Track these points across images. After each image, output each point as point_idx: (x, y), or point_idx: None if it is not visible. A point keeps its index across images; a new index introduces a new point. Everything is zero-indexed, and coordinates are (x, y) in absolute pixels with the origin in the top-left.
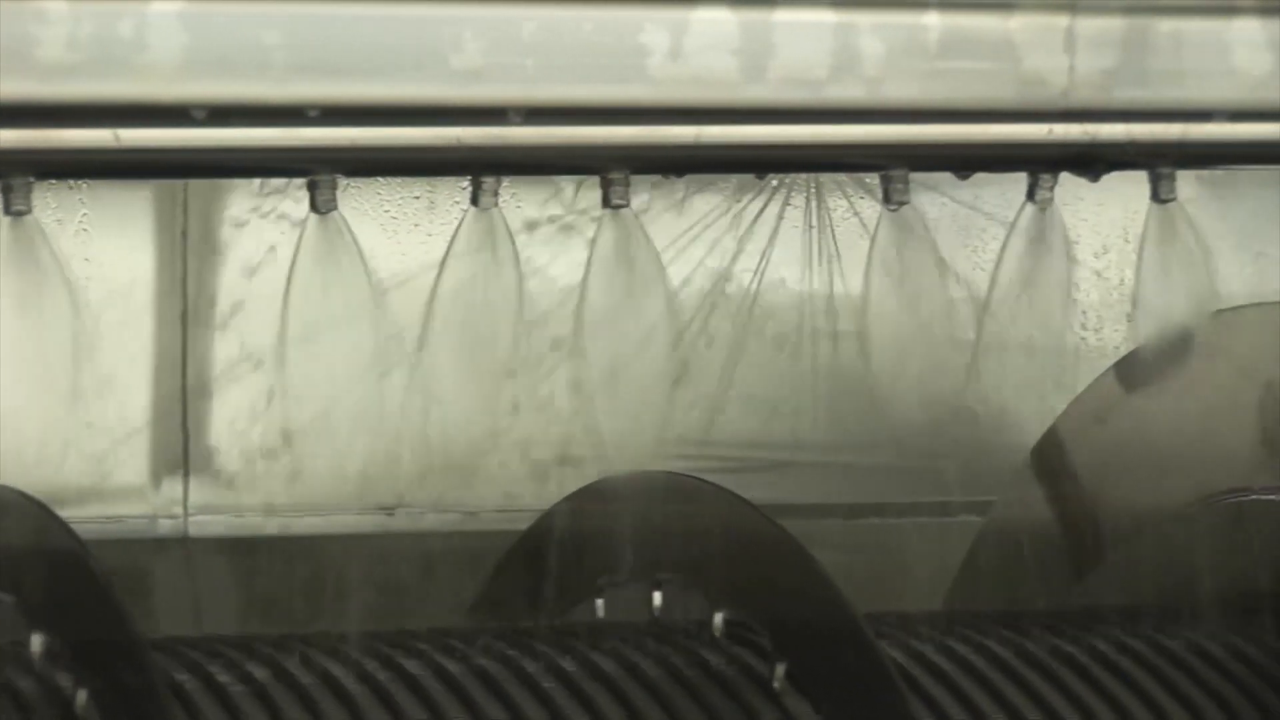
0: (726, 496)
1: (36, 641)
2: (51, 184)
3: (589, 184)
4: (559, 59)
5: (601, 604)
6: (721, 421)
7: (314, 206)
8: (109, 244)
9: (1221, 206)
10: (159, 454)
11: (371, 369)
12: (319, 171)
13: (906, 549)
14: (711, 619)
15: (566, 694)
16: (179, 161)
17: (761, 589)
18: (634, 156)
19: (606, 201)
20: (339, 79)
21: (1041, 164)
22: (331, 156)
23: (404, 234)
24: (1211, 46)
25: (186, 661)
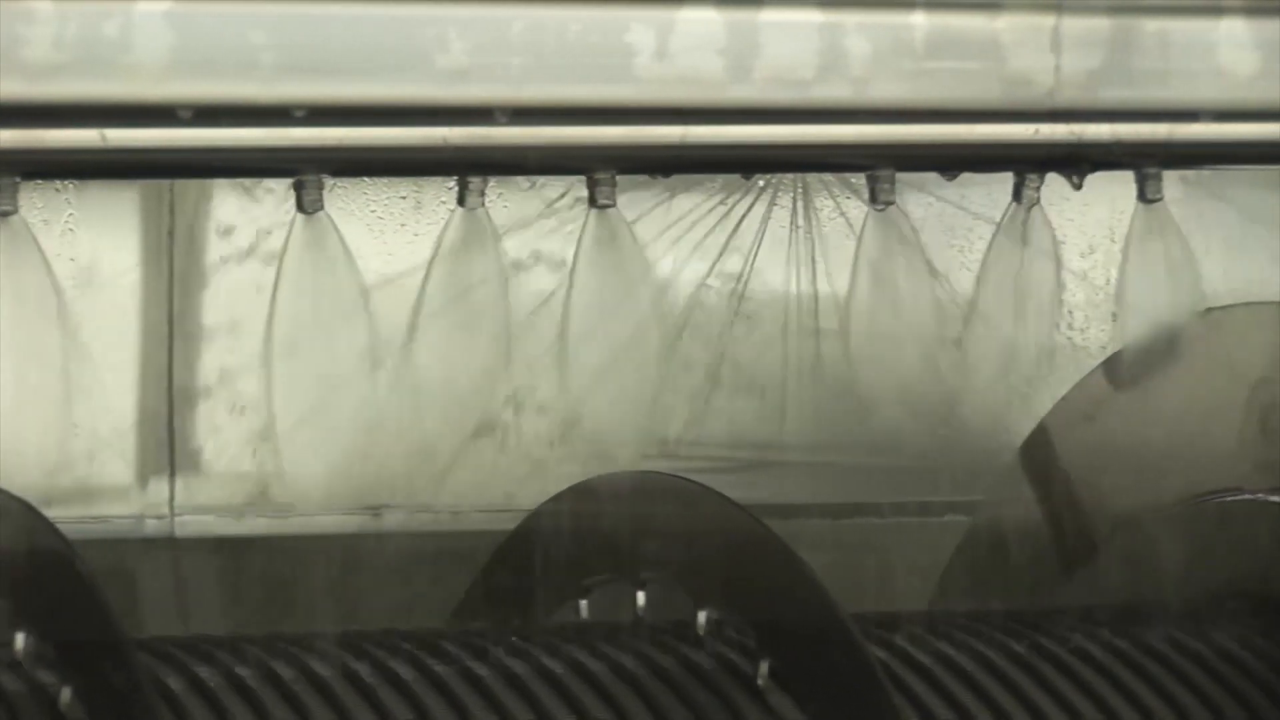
0: (712, 496)
1: (21, 641)
2: (37, 184)
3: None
4: (545, 59)
5: (587, 604)
6: (709, 420)
7: (301, 206)
8: (95, 243)
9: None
10: (144, 454)
11: (359, 369)
12: (305, 171)
13: (892, 548)
14: (695, 618)
15: (552, 693)
16: (165, 161)
17: (747, 588)
18: (620, 156)
19: (593, 201)
20: (325, 79)
21: (1027, 164)
22: (318, 156)
23: (390, 234)
24: (1197, 46)
25: (173, 661)
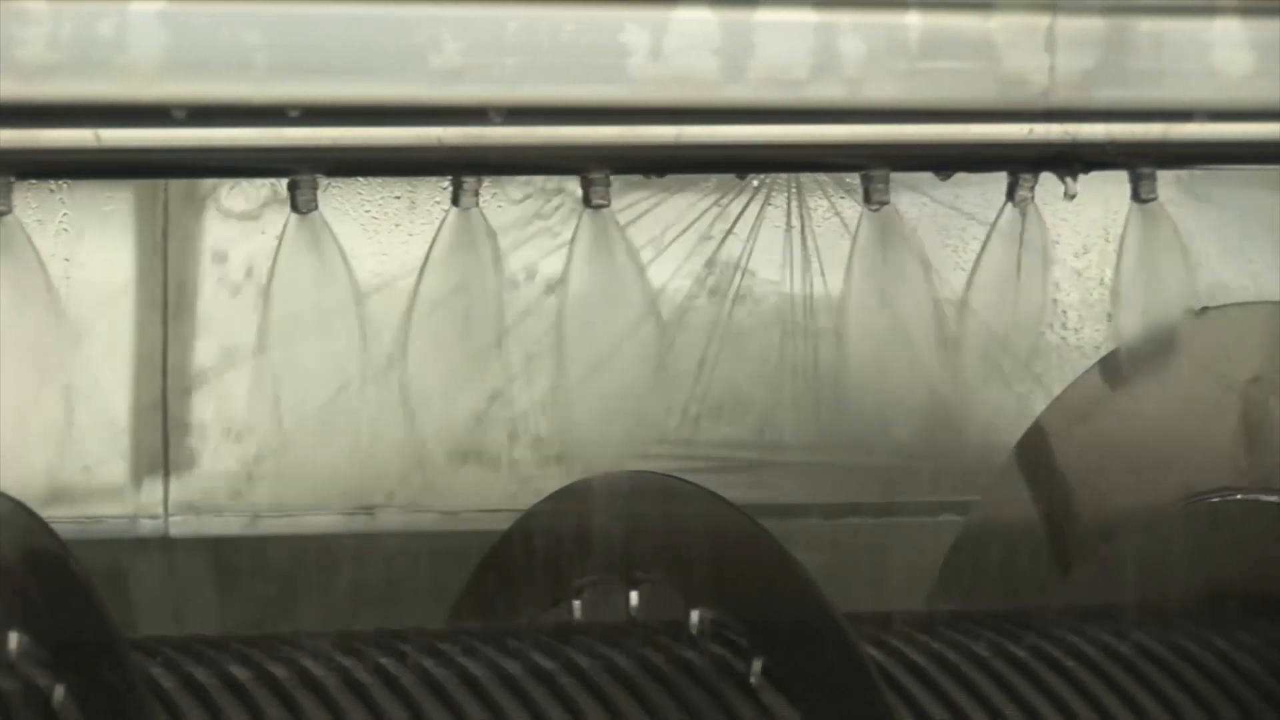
0: (706, 496)
1: (14, 640)
2: (31, 184)
3: None
4: (540, 59)
5: (581, 604)
6: (701, 421)
7: (295, 206)
8: (90, 243)
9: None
10: (139, 454)
11: (353, 368)
12: (300, 171)
13: (886, 548)
14: (688, 617)
15: (546, 692)
16: (159, 161)
17: (741, 588)
18: (615, 156)
19: (587, 201)
20: (319, 79)
21: (1022, 164)
22: (312, 156)
23: (385, 234)
24: (1192, 46)
25: (167, 661)
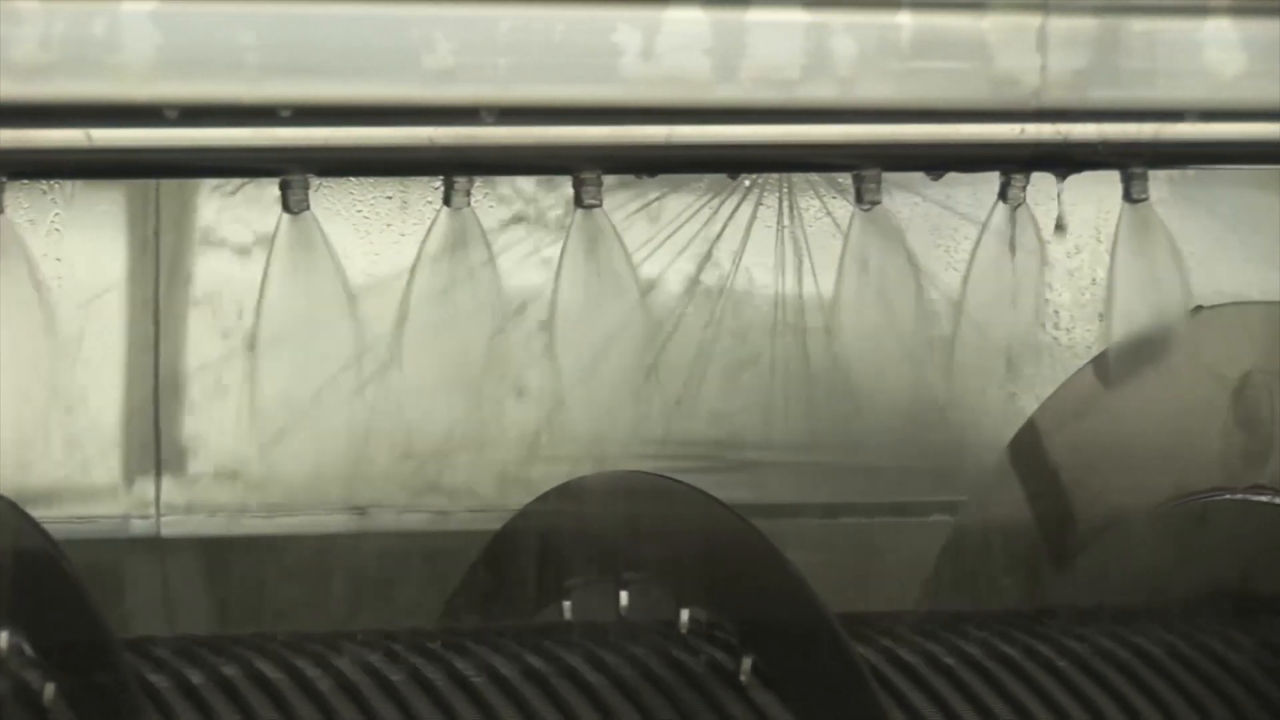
0: (698, 496)
1: (4, 639)
2: (23, 184)
3: None
4: (531, 59)
5: (573, 603)
6: (693, 420)
7: (286, 206)
8: (81, 243)
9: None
10: (130, 454)
11: (345, 369)
12: (291, 171)
13: (879, 548)
14: (678, 617)
15: (538, 692)
16: (151, 161)
17: (733, 587)
18: (606, 156)
19: (579, 201)
20: (311, 79)
21: (1014, 164)
22: (304, 156)
23: (376, 234)
24: (1184, 46)
25: (159, 661)
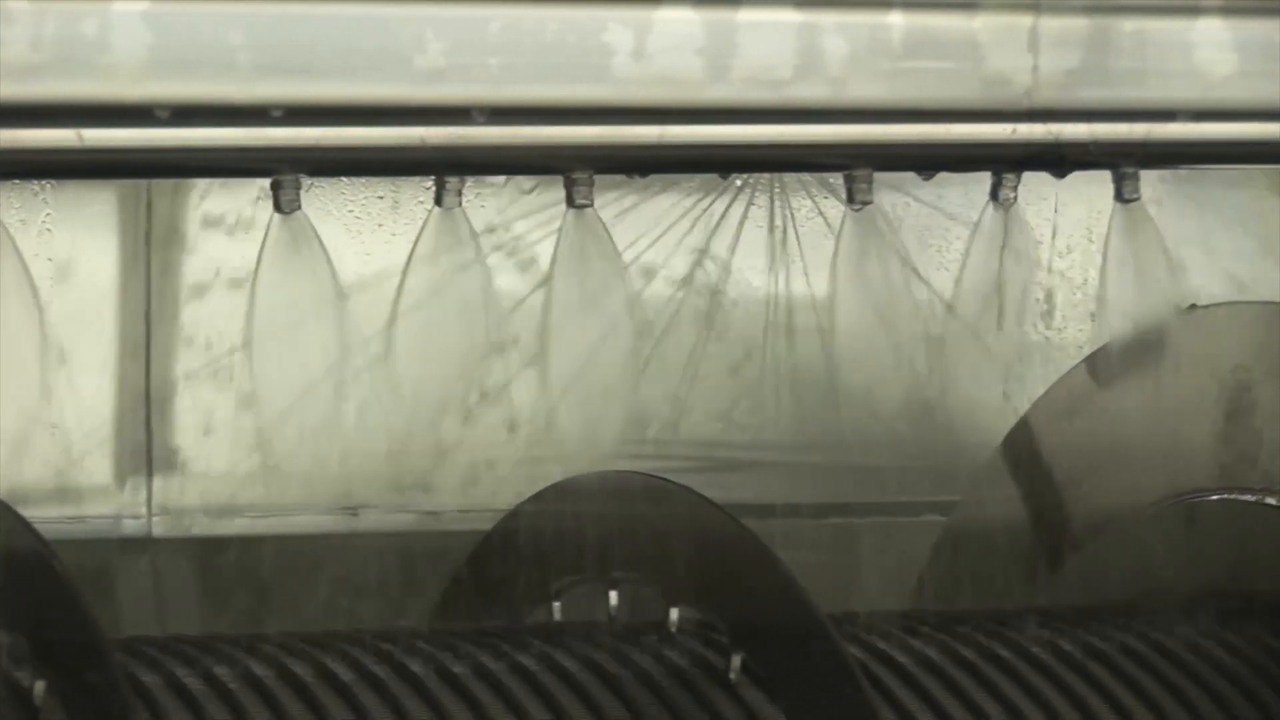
0: (689, 496)
1: None
2: (14, 184)
3: None
4: (523, 58)
5: (564, 603)
6: (685, 420)
7: (278, 206)
8: (73, 244)
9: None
10: (122, 454)
11: (337, 369)
12: (283, 171)
13: (870, 548)
14: (668, 616)
15: (528, 691)
16: (143, 161)
17: (724, 587)
18: (598, 156)
19: (570, 201)
20: (303, 79)
21: (1005, 164)
22: (295, 156)
23: (368, 234)
24: (1175, 46)
25: (151, 661)
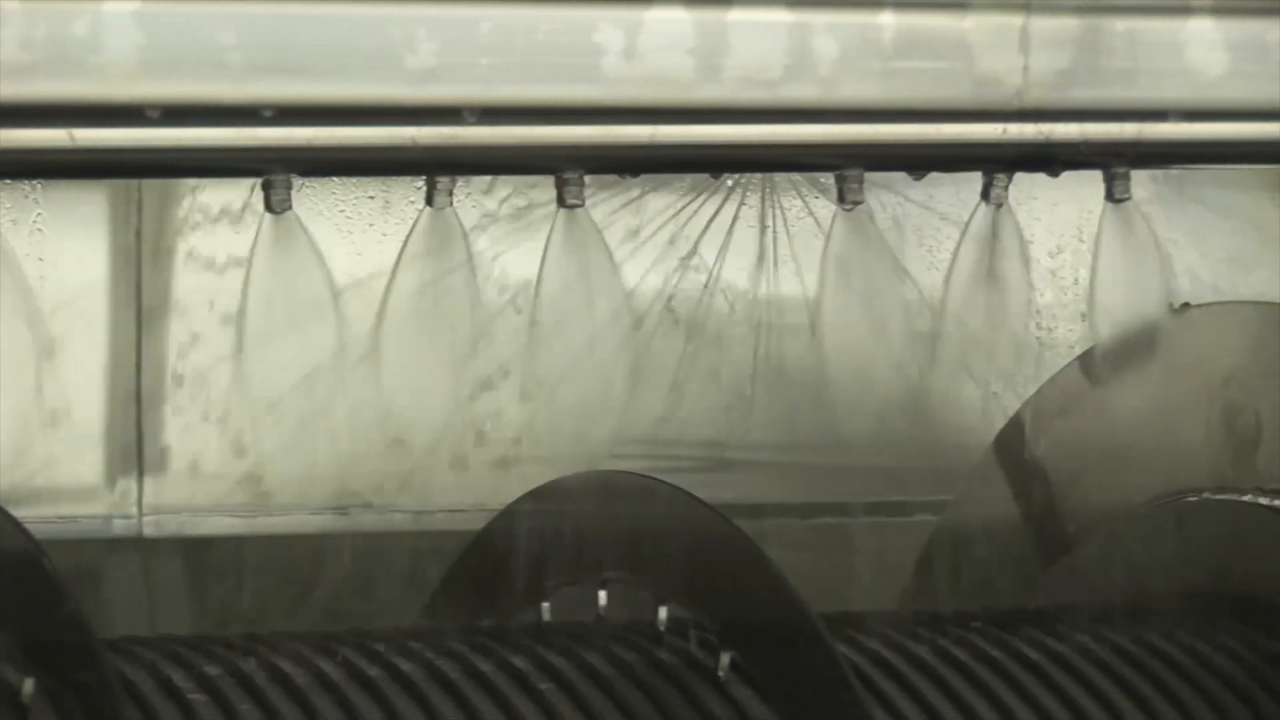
0: (681, 496)
1: None
2: (6, 184)
3: None
4: (514, 59)
5: (555, 602)
6: (676, 420)
7: (269, 206)
8: (63, 243)
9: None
10: (113, 454)
11: (328, 368)
12: (274, 171)
13: (861, 548)
14: (662, 615)
15: (518, 690)
16: (134, 161)
17: (715, 587)
18: (589, 156)
19: (561, 201)
20: (294, 79)
21: (996, 164)
22: (286, 156)
23: (359, 234)
24: (1166, 46)
25: (141, 661)
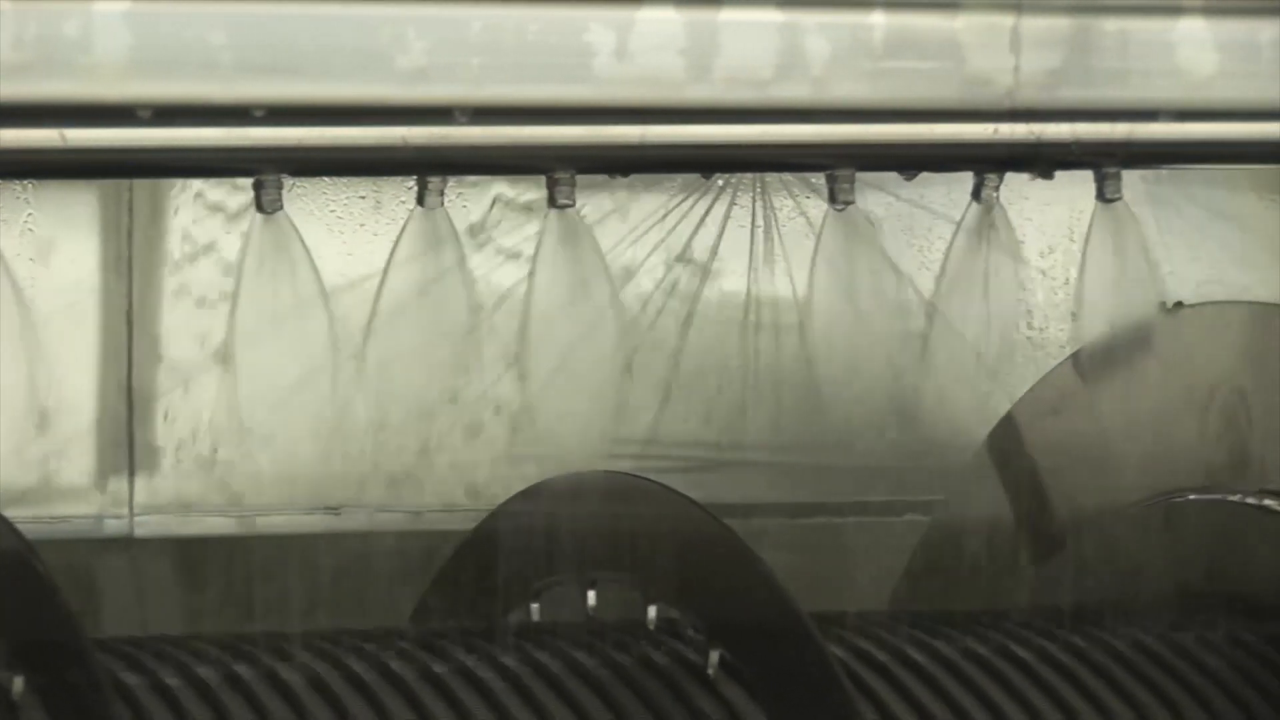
0: (672, 496)
1: None
2: None
3: None
4: (505, 58)
5: (546, 601)
6: (669, 420)
7: (260, 206)
8: (55, 243)
9: None
10: (103, 454)
11: (319, 369)
12: (265, 171)
13: (852, 548)
14: (654, 615)
15: (509, 689)
16: (125, 161)
17: (706, 586)
18: (580, 156)
19: (552, 201)
20: (285, 79)
21: (987, 164)
22: (277, 156)
23: (350, 234)
24: (1157, 46)
25: (132, 661)
